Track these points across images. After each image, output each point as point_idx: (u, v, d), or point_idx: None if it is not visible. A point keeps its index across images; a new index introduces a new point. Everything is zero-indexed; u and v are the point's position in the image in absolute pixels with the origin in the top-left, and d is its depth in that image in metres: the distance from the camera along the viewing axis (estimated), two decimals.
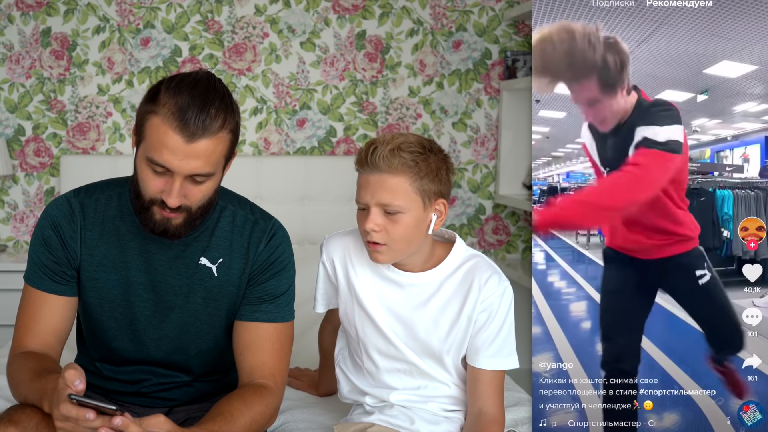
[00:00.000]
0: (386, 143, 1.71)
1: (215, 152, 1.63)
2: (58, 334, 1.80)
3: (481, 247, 3.93)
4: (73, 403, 1.45)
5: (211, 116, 1.60)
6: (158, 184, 1.64)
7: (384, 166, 1.70)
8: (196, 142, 1.59)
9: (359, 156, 1.75)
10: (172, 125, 1.58)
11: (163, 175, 1.63)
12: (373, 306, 1.83)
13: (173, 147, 1.59)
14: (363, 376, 1.90)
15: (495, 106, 3.86)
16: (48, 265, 1.78)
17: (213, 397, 1.92)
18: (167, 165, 1.60)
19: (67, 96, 3.69)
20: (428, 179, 1.72)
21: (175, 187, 1.63)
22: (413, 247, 1.77)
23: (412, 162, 1.70)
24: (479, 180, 3.90)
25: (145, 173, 1.65)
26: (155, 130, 1.60)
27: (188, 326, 1.84)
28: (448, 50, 3.81)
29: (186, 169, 1.61)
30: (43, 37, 3.65)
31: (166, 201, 1.64)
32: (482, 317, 1.80)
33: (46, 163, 3.72)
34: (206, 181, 1.66)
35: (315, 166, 3.69)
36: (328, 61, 3.78)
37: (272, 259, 1.84)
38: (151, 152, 1.61)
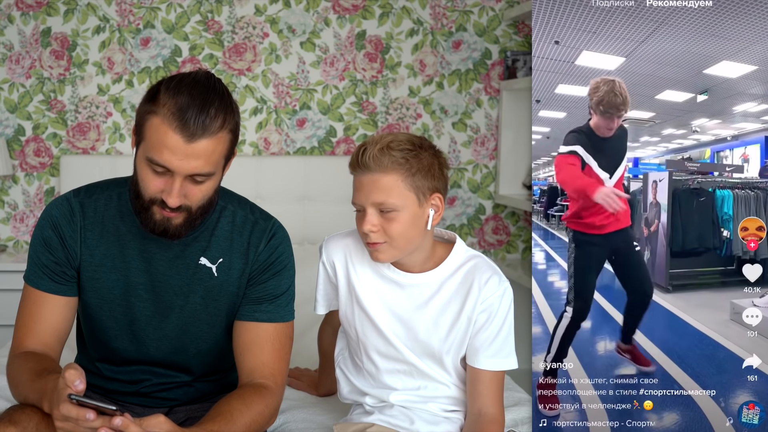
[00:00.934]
0: (375, 143, 1.72)
1: (215, 152, 1.63)
2: (58, 334, 1.80)
3: (481, 247, 3.93)
4: (73, 403, 1.45)
5: (210, 116, 1.60)
6: (158, 184, 1.65)
7: (375, 166, 1.71)
8: (196, 142, 1.60)
9: (351, 159, 1.77)
10: (172, 125, 1.59)
11: (163, 175, 1.63)
12: (373, 307, 1.83)
13: (173, 147, 1.59)
14: (363, 376, 1.90)
15: (495, 106, 3.86)
16: (48, 265, 1.79)
17: (213, 397, 1.92)
18: (167, 165, 1.61)
19: (67, 96, 3.69)
20: (420, 175, 1.73)
21: (176, 187, 1.63)
22: (413, 244, 1.77)
23: (403, 159, 1.71)
24: (479, 180, 3.91)
25: (145, 173, 1.65)
26: (155, 131, 1.61)
27: (188, 326, 1.84)
28: (448, 50, 3.82)
29: (186, 169, 1.61)
30: (43, 37, 3.66)
31: (167, 201, 1.64)
32: (482, 317, 1.80)
33: (46, 163, 3.73)
34: (206, 181, 1.67)
35: (315, 166, 3.69)
36: (328, 61, 3.78)
37: (272, 259, 1.84)
38: (151, 152, 1.62)
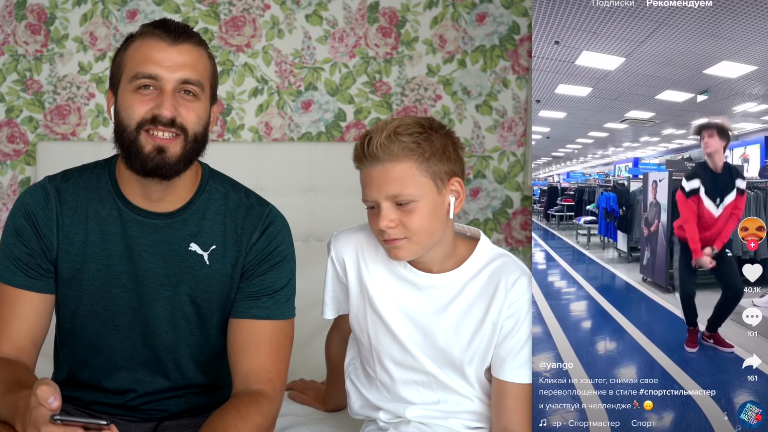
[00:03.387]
0: (381, 130, 1.73)
1: (200, 63, 1.79)
2: (34, 336, 1.81)
3: (508, 244, 3.93)
4: (57, 425, 1.46)
5: (189, 29, 1.80)
6: (147, 104, 1.75)
7: (384, 155, 1.72)
8: (180, 45, 1.77)
9: (356, 151, 1.77)
10: (154, 35, 1.79)
11: (152, 94, 1.75)
12: (387, 310, 1.83)
13: (159, 51, 1.76)
14: (376, 389, 1.91)
15: (523, 86, 3.85)
16: (21, 257, 1.80)
17: (206, 411, 1.93)
18: (155, 73, 1.74)
19: (44, 75, 3.71)
20: (435, 159, 1.73)
21: (167, 96, 1.74)
22: (436, 237, 1.77)
23: (414, 144, 1.71)
24: (506, 169, 3.90)
25: (131, 99, 1.76)
26: (137, 50, 1.80)
27: (176, 320, 1.85)
28: (471, 24, 3.81)
29: (175, 75, 1.75)
30: (18, 9, 3.67)
31: (160, 113, 1.73)
32: (509, 324, 1.80)
33: (21, 151, 3.75)
34: (196, 101, 1.77)
35: (322, 153, 3.70)
36: (337, 36, 3.78)
37: (270, 249, 1.85)
38: (137, 69, 1.76)
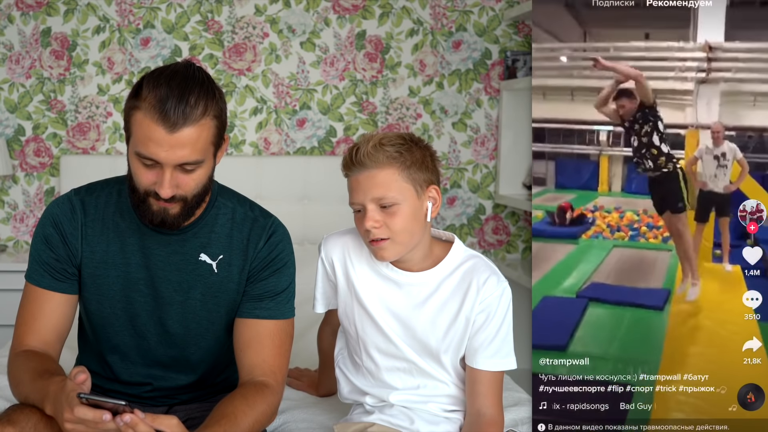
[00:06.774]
0: (368, 141, 1.77)
1: (200, 139, 1.65)
2: (59, 332, 1.82)
3: (481, 247, 3.94)
4: (85, 404, 1.47)
5: (190, 105, 1.62)
6: (150, 177, 1.67)
7: (370, 163, 1.74)
8: (179, 132, 1.62)
9: (344, 160, 1.79)
10: (153, 118, 1.61)
11: (153, 167, 1.66)
12: (372, 304, 1.84)
13: (157, 139, 1.62)
14: (363, 375, 1.91)
15: (495, 106, 3.87)
16: (49, 262, 1.80)
17: (213, 397, 1.93)
18: (154, 157, 1.63)
19: (67, 96, 3.71)
20: (415, 168, 1.75)
21: (166, 177, 1.65)
22: (416, 239, 1.78)
23: (396, 153, 1.74)
24: (479, 180, 3.92)
25: (136, 167, 1.69)
26: (139, 125, 1.64)
27: (188, 322, 1.85)
28: (448, 50, 3.83)
29: (173, 158, 1.64)
30: (43, 37, 3.67)
31: (159, 192, 1.67)
32: (480, 318, 1.81)
33: (46, 163, 3.74)
34: (197, 169, 1.68)
35: (315, 166, 3.70)
36: (328, 61, 3.79)
37: (272, 256, 1.85)
38: (138, 147, 1.65)
